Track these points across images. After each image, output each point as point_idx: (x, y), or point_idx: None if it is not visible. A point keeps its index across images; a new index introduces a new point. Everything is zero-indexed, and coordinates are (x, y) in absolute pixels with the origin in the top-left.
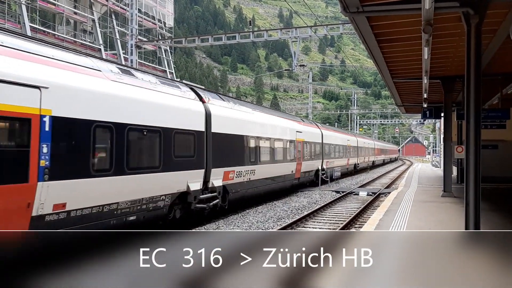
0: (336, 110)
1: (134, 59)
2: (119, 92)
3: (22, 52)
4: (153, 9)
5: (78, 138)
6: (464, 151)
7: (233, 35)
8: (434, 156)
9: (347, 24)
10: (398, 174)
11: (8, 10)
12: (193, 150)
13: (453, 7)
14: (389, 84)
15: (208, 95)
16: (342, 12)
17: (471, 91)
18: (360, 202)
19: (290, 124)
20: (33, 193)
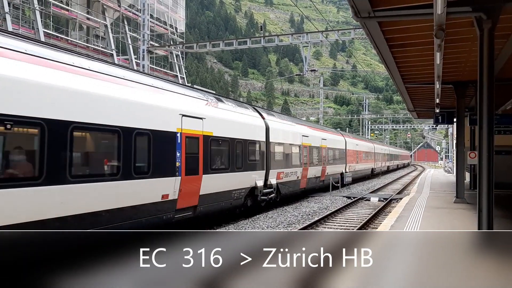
0: (347, 115)
1: (146, 64)
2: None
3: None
4: (165, 14)
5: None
6: (477, 157)
7: (244, 40)
8: (446, 162)
9: (358, 29)
10: (410, 180)
11: (23, 16)
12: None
13: (466, 12)
14: (401, 89)
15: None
16: (354, 17)
17: (484, 96)
18: (371, 208)
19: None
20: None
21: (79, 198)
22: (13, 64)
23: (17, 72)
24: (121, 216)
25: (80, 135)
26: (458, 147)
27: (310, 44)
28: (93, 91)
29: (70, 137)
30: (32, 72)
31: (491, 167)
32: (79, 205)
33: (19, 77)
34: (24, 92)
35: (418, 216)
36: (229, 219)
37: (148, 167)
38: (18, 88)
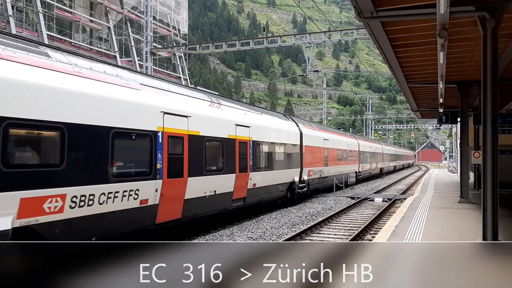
0: (350, 116)
1: (149, 66)
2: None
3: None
4: (167, 16)
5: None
6: (481, 157)
7: (247, 41)
8: (450, 162)
9: (361, 29)
10: (414, 180)
11: (26, 19)
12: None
13: (469, 11)
14: (404, 89)
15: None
16: (356, 17)
17: (487, 95)
18: (375, 208)
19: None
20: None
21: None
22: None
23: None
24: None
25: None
26: (462, 146)
27: (313, 44)
28: None
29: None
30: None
31: (496, 166)
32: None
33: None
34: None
35: (423, 216)
36: (232, 220)
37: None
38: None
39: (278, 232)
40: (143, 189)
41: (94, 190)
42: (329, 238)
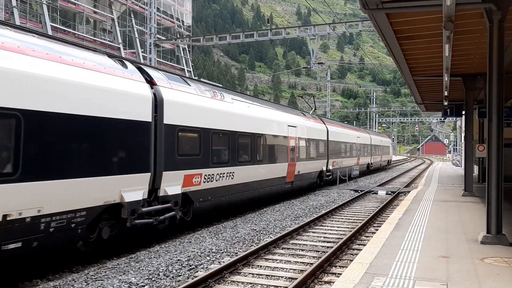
0: (354, 108)
1: (152, 57)
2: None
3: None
4: (171, 8)
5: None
6: (485, 150)
7: (251, 33)
8: (454, 155)
9: (366, 21)
10: (417, 173)
11: (30, 10)
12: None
13: (475, 3)
14: (409, 82)
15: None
16: (362, 9)
17: (493, 88)
18: (379, 201)
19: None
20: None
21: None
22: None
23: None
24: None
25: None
26: (466, 140)
27: (317, 36)
28: None
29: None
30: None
31: (500, 160)
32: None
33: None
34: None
35: (426, 210)
36: (236, 213)
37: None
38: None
39: (281, 225)
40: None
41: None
42: (332, 231)
